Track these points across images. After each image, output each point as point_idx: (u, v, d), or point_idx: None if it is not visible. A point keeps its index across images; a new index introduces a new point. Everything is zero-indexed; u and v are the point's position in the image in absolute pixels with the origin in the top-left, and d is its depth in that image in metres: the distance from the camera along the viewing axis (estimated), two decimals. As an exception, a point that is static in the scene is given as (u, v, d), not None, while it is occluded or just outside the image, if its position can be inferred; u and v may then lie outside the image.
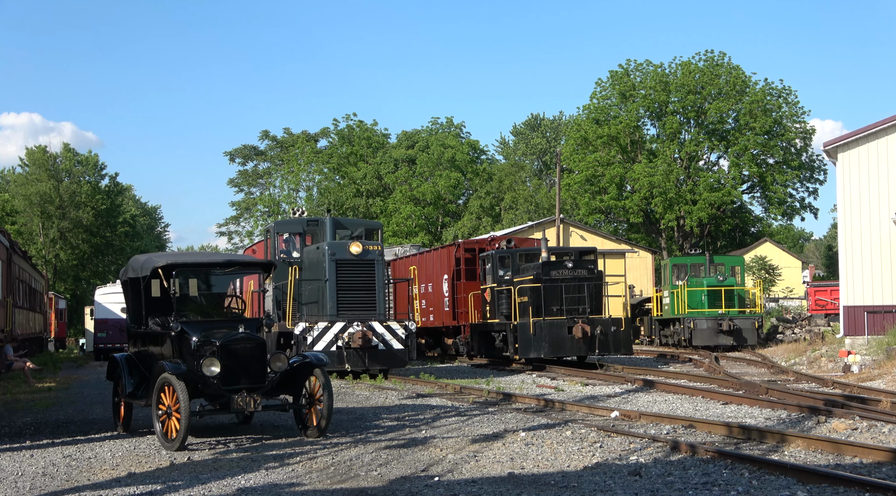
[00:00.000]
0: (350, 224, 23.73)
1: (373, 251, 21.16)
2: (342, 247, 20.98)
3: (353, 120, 74.18)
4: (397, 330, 21.12)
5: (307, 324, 20.55)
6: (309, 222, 23.97)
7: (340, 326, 20.53)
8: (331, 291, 20.75)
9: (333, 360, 20.25)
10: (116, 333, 38.25)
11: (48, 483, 8.63)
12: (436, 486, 7.92)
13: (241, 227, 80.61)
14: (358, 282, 21.01)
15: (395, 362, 21.31)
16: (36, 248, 66.12)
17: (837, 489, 7.37)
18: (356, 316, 20.79)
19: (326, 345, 20.39)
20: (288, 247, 23.89)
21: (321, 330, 20.48)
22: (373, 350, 20.73)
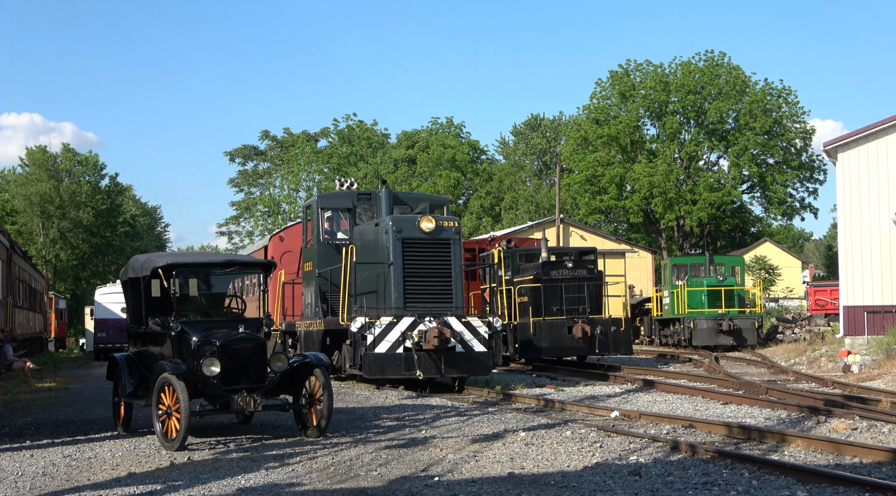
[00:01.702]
0: (410, 199, 20.37)
1: (449, 228, 17.41)
2: (410, 222, 17.22)
3: (353, 120, 74.29)
4: (479, 328, 17.26)
5: (367, 320, 16.67)
6: (360, 196, 20.10)
7: (409, 322, 16.67)
8: (396, 278, 16.98)
9: (398, 365, 16.66)
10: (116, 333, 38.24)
11: (48, 483, 8.63)
12: (436, 486, 7.92)
13: (241, 227, 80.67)
14: (430, 266, 17.28)
15: (475, 368, 17.40)
16: (36, 247, 66.13)
17: (837, 489, 7.37)
18: (428, 309, 16.95)
19: (391, 346, 16.63)
20: (332, 227, 20.27)
21: (384, 327, 16.68)
22: (449, 352, 16.80)
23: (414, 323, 16.68)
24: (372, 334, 16.58)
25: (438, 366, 16.79)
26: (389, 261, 16.98)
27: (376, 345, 16.57)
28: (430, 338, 16.45)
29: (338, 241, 19.73)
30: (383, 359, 16.57)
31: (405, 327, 16.64)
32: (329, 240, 19.81)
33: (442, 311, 17.00)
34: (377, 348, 16.56)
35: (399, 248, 17.01)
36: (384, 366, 16.61)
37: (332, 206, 20.19)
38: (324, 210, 20.07)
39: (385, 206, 19.30)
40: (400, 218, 17.61)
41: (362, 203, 19.97)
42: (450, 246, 17.37)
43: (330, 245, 19.58)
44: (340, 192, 20.75)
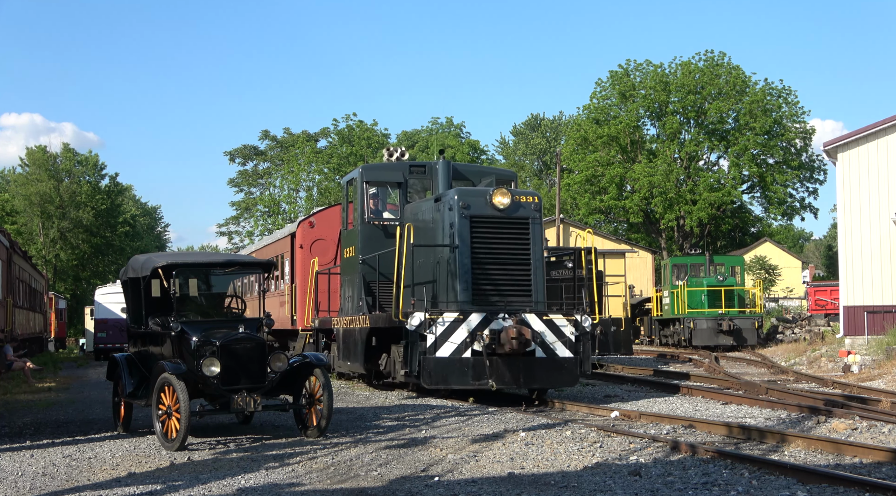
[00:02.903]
0: (472, 173, 17.69)
1: (527, 204, 14.71)
2: (480, 197, 14.61)
3: (353, 120, 74.21)
4: (563, 328, 14.53)
5: (427, 316, 14.00)
6: (413, 168, 17.25)
7: (478, 320, 13.98)
8: (462, 265, 14.36)
9: (465, 373, 13.95)
10: (116, 333, 38.26)
11: (48, 483, 8.63)
12: (436, 486, 7.92)
13: (241, 227, 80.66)
14: (505, 251, 14.60)
15: (560, 378, 14.59)
16: (36, 247, 66.15)
17: (837, 489, 7.37)
18: (502, 304, 14.37)
19: (456, 348, 13.98)
20: (377, 205, 17.46)
21: (448, 325, 13.98)
22: (528, 358, 14.15)
23: (485, 320, 13.97)
24: (433, 334, 13.91)
25: (515, 374, 14.08)
26: (454, 243, 14.37)
27: (438, 347, 13.91)
28: (506, 339, 13.73)
29: (386, 221, 17.13)
30: (447, 364, 14.00)
31: (474, 326, 13.96)
32: (375, 220, 17.12)
33: (519, 306, 14.33)
34: (439, 351, 13.91)
35: (466, 228, 14.38)
36: (447, 374, 14.01)
37: (379, 180, 17.27)
38: (369, 185, 17.16)
39: (443, 180, 16.56)
40: (467, 191, 14.98)
41: (415, 177, 17.18)
42: (528, 226, 14.66)
43: (377, 226, 16.93)
44: (389, 163, 17.88)
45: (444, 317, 14.02)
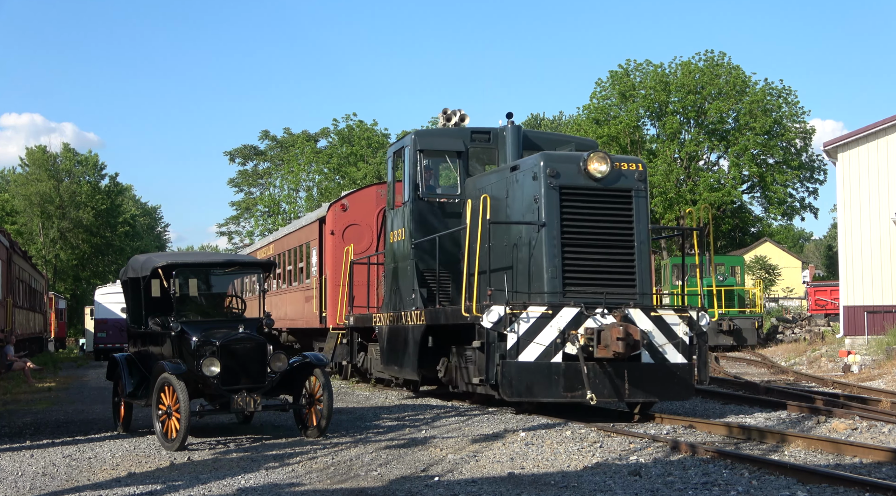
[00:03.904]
0: (546, 141, 14.97)
1: (630, 173, 12.28)
2: (572, 164, 12.17)
3: (352, 120, 74.17)
4: (676, 327, 12.07)
5: (508, 311, 11.52)
6: (475, 134, 14.86)
7: (571, 316, 11.56)
8: (549, 247, 11.86)
9: (555, 382, 11.51)
10: (116, 333, 38.30)
11: (48, 483, 8.62)
12: (436, 486, 7.92)
13: (241, 227, 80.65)
14: (603, 230, 12.17)
15: (671, 389, 12.03)
16: (36, 248, 66.16)
17: (837, 489, 7.37)
18: (599, 296, 11.82)
19: (544, 351, 11.51)
20: (430, 178, 15.04)
21: (533, 322, 11.50)
22: (634, 364, 11.71)
23: (579, 316, 11.56)
24: (514, 333, 11.42)
25: (617, 384, 11.63)
26: (540, 221, 11.91)
27: (521, 349, 11.45)
28: (610, 340, 11.28)
29: (444, 197, 14.82)
30: (532, 371, 11.52)
31: (566, 323, 11.53)
32: (431, 196, 14.76)
33: (620, 299, 11.92)
34: (522, 355, 11.45)
35: (555, 202, 11.94)
36: (532, 383, 11.56)
37: (435, 149, 14.79)
38: (424, 154, 14.68)
39: (512, 149, 14.31)
40: (556, 156, 12.45)
41: (477, 145, 14.89)
42: (631, 199, 12.21)
43: (432, 204, 14.61)
44: (446, 128, 15.44)
45: (529, 313, 11.50)
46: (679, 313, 12.26)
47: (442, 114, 15.95)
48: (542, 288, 11.94)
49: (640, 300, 12.10)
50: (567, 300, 11.79)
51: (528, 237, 12.30)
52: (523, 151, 14.31)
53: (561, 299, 11.81)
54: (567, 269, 11.99)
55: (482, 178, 14.12)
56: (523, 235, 12.40)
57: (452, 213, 14.48)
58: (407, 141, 15.16)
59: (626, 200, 12.27)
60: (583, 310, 11.62)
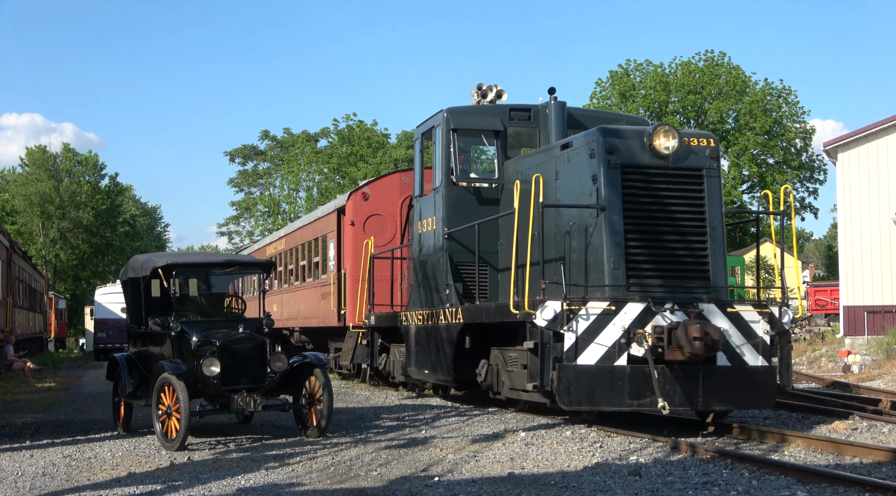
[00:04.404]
0: (593, 118, 13.52)
1: (700, 150, 10.95)
2: (634, 139, 10.85)
3: (353, 120, 74.17)
4: (755, 325, 10.71)
5: (565, 306, 10.15)
6: (514, 111, 13.64)
7: (637, 312, 10.24)
8: (611, 234, 10.55)
9: (619, 388, 10.15)
10: (116, 333, 38.34)
11: (48, 483, 8.63)
12: (436, 486, 7.92)
13: (241, 227, 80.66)
14: (672, 215, 10.81)
15: (751, 396, 10.66)
16: (36, 247, 66.20)
17: (837, 489, 7.37)
18: (669, 289, 10.60)
19: (606, 353, 10.18)
20: (463, 162, 13.76)
21: (594, 319, 10.18)
22: (709, 367, 10.36)
23: (646, 313, 10.24)
24: (573, 333, 10.10)
25: (691, 391, 10.25)
26: (598, 203, 10.65)
27: (580, 351, 10.12)
28: (685, 340, 9.94)
29: (480, 182, 13.57)
30: (593, 376, 10.18)
31: (631, 320, 10.23)
32: (466, 181, 13.51)
33: (691, 293, 10.63)
34: (582, 357, 10.12)
35: (616, 182, 10.63)
36: (594, 390, 10.20)
37: (470, 128, 13.51)
38: (458, 134, 13.44)
39: (556, 128, 13.15)
40: (615, 130, 11.10)
41: (516, 124, 13.62)
42: (703, 179, 10.88)
43: (467, 190, 13.39)
44: (481, 105, 14.09)
45: (589, 309, 10.17)
46: (758, 309, 10.79)
47: (476, 89, 14.39)
48: (603, 280, 10.56)
49: (713, 294, 10.70)
50: (631, 294, 10.45)
51: (583, 223, 10.92)
52: (568, 131, 13.02)
53: (624, 293, 10.45)
54: (631, 259, 10.61)
55: (524, 160, 12.88)
56: (577, 221, 11.04)
57: (489, 200, 13.30)
58: (438, 119, 13.76)
59: (696, 180, 10.90)
60: (650, 305, 10.25)
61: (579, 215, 11.09)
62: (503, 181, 13.28)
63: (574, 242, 11.18)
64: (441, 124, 13.70)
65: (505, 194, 13.01)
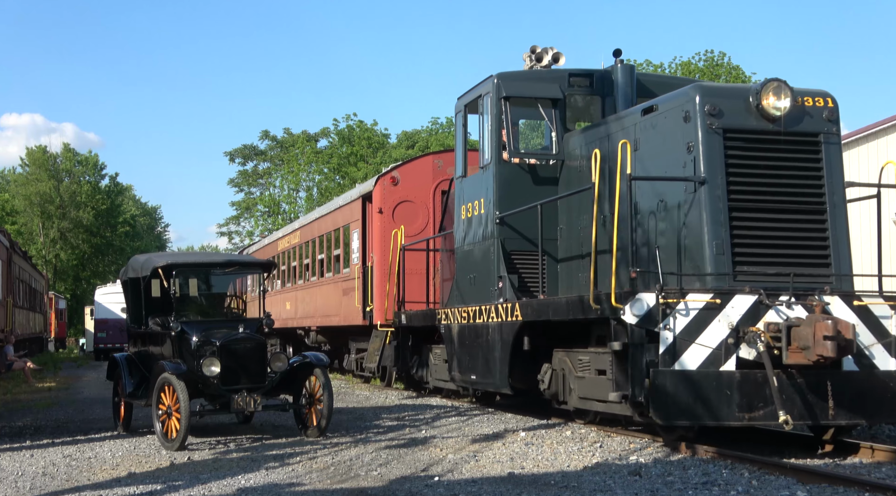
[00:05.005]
0: (663, 84, 12.05)
1: (817, 111, 9.46)
2: (737, 99, 9.34)
3: (353, 120, 74.19)
4: (886, 322, 9.13)
5: (661, 299, 8.61)
6: (574, 77, 12.13)
7: (747, 306, 8.70)
8: (712, 213, 9.04)
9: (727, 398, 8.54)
10: (116, 333, 38.35)
11: (48, 483, 8.62)
12: (436, 486, 7.92)
13: (241, 227, 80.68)
14: (785, 189, 9.27)
15: (884, 407, 8.95)
16: (36, 247, 66.23)
17: (837, 489, 7.36)
18: (783, 277, 8.97)
19: (710, 356, 8.59)
20: (515, 137, 12.19)
21: (695, 315, 8.64)
22: (834, 373, 8.79)
23: (757, 307, 8.72)
24: (670, 331, 8.56)
25: (815, 401, 8.69)
26: (697, 176, 9.11)
27: (678, 353, 8.58)
28: (813, 339, 8.37)
29: (536, 158, 12.10)
30: (695, 384, 8.58)
31: (739, 316, 8.70)
32: (519, 157, 12.07)
33: (811, 283, 9.11)
34: (681, 361, 8.58)
35: (718, 150, 9.15)
36: (696, 401, 8.59)
37: (525, 95, 12.00)
38: (510, 103, 11.93)
39: (623, 95, 11.75)
40: (715, 88, 9.73)
41: (576, 92, 12.17)
42: (820, 147, 9.43)
43: (521, 167, 11.96)
44: (536, 71, 12.40)
45: (689, 302, 8.64)
46: (890, 302, 9.18)
47: (529, 53, 12.65)
48: (704, 268, 9.03)
49: (836, 284, 9.17)
50: (739, 284, 8.90)
51: (674, 200, 9.44)
52: (637, 99, 11.61)
53: (731, 283, 8.92)
54: (738, 243, 9.07)
55: (590, 131, 11.27)
56: (668, 198, 9.54)
57: (546, 179, 11.86)
58: (487, 86, 12.25)
59: (813, 148, 9.43)
60: (762, 298, 8.72)
61: (669, 191, 9.52)
62: (563, 157, 11.77)
63: (662, 224, 9.64)
64: (490, 92, 12.14)
65: (566, 172, 11.66)
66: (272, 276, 28.23)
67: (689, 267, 9.27)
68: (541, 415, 12.69)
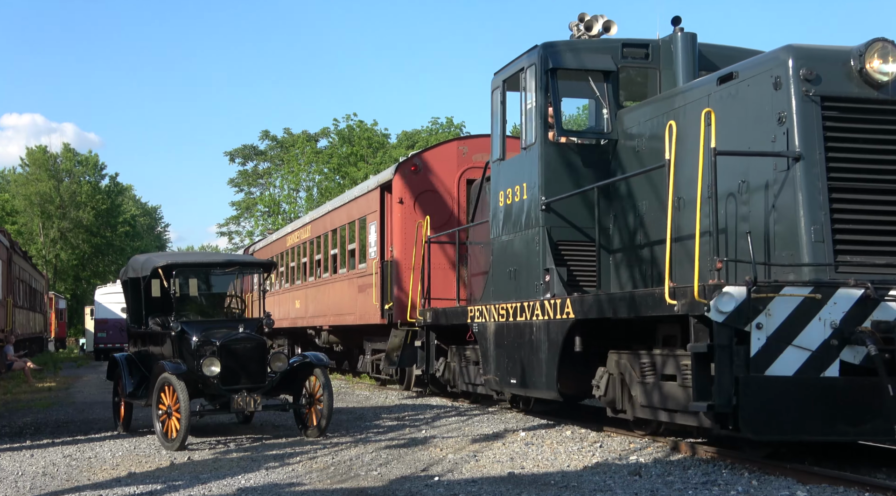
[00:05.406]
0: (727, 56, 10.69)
1: None
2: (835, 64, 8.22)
3: (353, 120, 74.19)
4: None
5: (752, 295, 7.46)
6: (628, 47, 11.04)
7: (852, 302, 7.63)
8: (809, 193, 7.93)
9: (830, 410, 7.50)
10: (116, 333, 38.37)
11: (48, 483, 8.63)
12: (436, 486, 7.92)
13: (241, 227, 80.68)
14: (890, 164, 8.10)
15: None
16: (36, 247, 66.25)
17: (837, 489, 7.36)
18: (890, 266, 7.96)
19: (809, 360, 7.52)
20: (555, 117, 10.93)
21: (791, 312, 7.54)
22: None
23: (863, 303, 7.62)
24: (762, 331, 7.47)
25: None
26: (790, 151, 8.03)
27: (773, 357, 7.50)
28: None
29: (586, 137, 11.19)
30: (792, 393, 7.49)
31: (843, 314, 7.60)
32: (567, 136, 11.16)
33: None
34: (774, 367, 7.49)
35: (815, 121, 8.08)
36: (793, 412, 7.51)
37: (575, 68, 10.89)
38: (557, 76, 10.88)
39: (684, 67, 10.71)
40: (809, 51, 8.31)
41: (630, 63, 11.07)
42: None
43: (569, 148, 10.99)
44: (585, 40, 11.41)
45: (783, 298, 7.53)
46: None
47: (577, 22, 11.68)
48: (799, 257, 7.89)
49: None
50: (842, 277, 7.77)
51: (761, 180, 8.31)
52: (700, 72, 10.68)
53: (832, 275, 7.81)
54: (839, 229, 7.94)
55: (653, 106, 10.21)
56: (751, 178, 8.43)
57: (596, 162, 10.84)
58: (531, 58, 11.16)
59: None
60: (870, 292, 7.57)
61: (753, 170, 8.40)
62: (616, 136, 10.75)
63: (744, 208, 8.52)
64: (535, 64, 11.02)
65: (620, 153, 10.62)
66: (280, 275, 28.05)
67: (782, 255, 8.07)
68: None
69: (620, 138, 10.78)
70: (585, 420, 11.95)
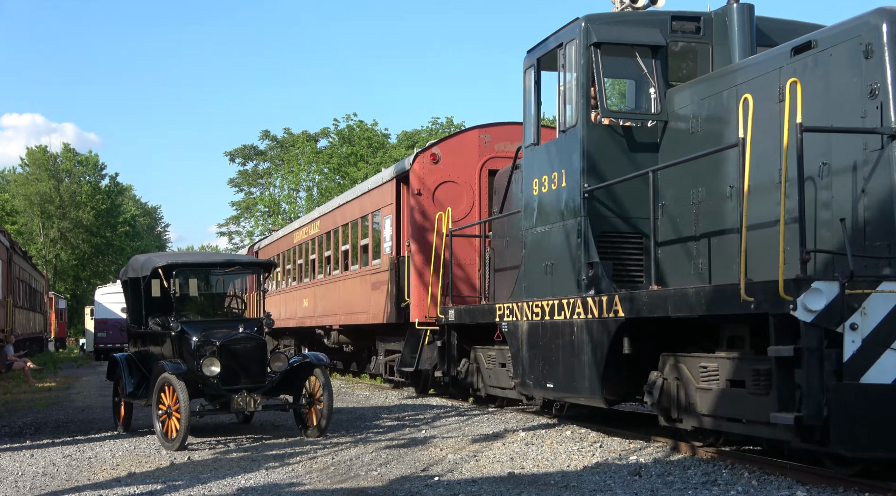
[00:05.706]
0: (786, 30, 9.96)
1: None
2: None
3: (353, 120, 74.19)
4: None
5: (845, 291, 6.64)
6: (678, 20, 10.17)
7: None
8: None
9: None
10: (116, 333, 38.39)
11: (48, 482, 8.63)
12: (436, 486, 7.92)
13: (241, 227, 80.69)
14: None
15: None
16: (36, 247, 66.26)
17: (837, 489, 7.36)
18: None
19: None
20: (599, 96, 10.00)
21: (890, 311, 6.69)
22: None
23: None
24: (857, 333, 6.69)
25: None
26: (887, 126, 7.13)
27: (869, 362, 6.71)
28: None
29: (633, 119, 10.11)
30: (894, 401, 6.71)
31: None
32: (612, 117, 10.16)
33: None
34: (870, 373, 6.71)
35: None
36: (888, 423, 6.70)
37: (621, 42, 10.04)
38: (601, 51, 9.99)
39: (740, 41, 9.88)
40: None
41: (680, 38, 10.18)
42: None
43: (614, 130, 10.06)
44: (628, 12, 10.55)
45: (882, 294, 6.73)
46: None
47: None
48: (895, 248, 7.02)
49: None
50: None
51: (847, 161, 7.44)
52: (758, 48, 9.84)
53: None
54: None
55: (710, 83, 9.34)
56: (834, 159, 7.57)
57: (643, 145, 9.94)
58: (571, 32, 10.26)
59: None
60: None
61: (837, 150, 7.54)
62: (666, 117, 9.88)
63: (825, 192, 7.61)
64: (577, 39, 10.10)
65: (671, 135, 9.80)
66: (287, 272, 27.78)
67: (874, 247, 7.15)
68: (540, 415, 12.66)
69: (670, 120, 9.89)
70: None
